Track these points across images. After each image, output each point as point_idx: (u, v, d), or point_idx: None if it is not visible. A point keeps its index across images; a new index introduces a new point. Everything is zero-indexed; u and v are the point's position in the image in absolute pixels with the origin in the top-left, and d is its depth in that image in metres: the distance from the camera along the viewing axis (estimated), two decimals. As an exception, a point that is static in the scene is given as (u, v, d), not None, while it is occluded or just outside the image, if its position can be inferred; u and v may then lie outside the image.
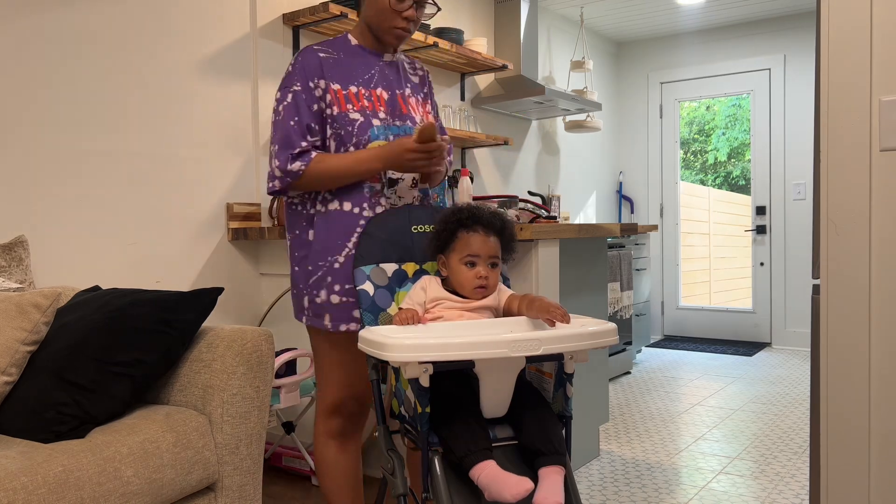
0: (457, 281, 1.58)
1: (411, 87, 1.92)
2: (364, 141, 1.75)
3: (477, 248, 1.57)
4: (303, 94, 1.75)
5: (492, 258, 1.58)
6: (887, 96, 1.46)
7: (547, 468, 1.38)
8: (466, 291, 1.57)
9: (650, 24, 5.70)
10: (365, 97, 1.79)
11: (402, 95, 1.86)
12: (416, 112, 1.88)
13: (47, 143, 2.39)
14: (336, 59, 1.80)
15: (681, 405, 3.88)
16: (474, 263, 1.57)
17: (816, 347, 1.56)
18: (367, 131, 1.76)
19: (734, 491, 2.63)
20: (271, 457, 2.87)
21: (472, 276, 1.56)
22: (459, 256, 1.58)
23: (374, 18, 1.79)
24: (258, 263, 3.09)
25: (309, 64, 1.77)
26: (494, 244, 1.59)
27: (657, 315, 6.16)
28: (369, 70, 1.83)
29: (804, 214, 5.50)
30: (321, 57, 1.78)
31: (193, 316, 1.89)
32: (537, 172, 5.19)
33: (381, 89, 1.83)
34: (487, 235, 1.58)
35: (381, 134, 1.77)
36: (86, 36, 2.49)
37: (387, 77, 1.85)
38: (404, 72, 1.92)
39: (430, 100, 2.00)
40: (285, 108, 1.76)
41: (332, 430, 1.86)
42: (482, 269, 1.56)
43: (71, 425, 1.63)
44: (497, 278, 1.61)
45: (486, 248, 1.57)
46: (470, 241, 1.57)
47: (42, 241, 2.38)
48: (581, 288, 2.92)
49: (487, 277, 1.57)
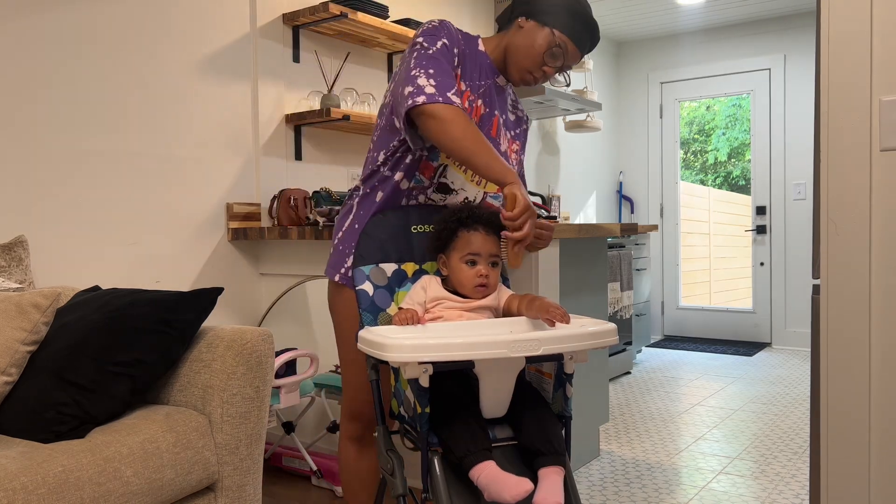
0: (457, 280, 1.58)
1: (505, 120, 1.84)
2: None
3: (478, 246, 1.57)
4: (449, 53, 1.65)
5: (492, 257, 1.58)
6: (887, 96, 1.46)
7: (546, 469, 1.38)
8: (467, 290, 1.57)
9: (650, 24, 5.70)
10: (468, 101, 1.72)
11: (498, 119, 1.80)
12: (502, 142, 1.81)
13: (47, 143, 2.39)
14: (464, 50, 1.73)
15: (681, 405, 3.88)
16: (475, 262, 1.57)
17: (816, 347, 1.56)
18: None
19: (734, 491, 2.63)
20: (271, 457, 2.87)
21: (473, 274, 1.56)
22: (460, 255, 1.57)
23: (518, 53, 1.71)
24: (258, 263, 3.09)
25: (453, 33, 1.69)
26: (495, 243, 1.59)
27: (657, 315, 6.16)
28: (483, 80, 1.76)
29: (804, 214, 5.50)
30: (459, 38, 1.72)
31: (193, 316, 1.89)
32: (537, 172, 5.19)
33: (482, 103, 1.76)
34: (488, 234, 1.58)
35: None
36: (86, 36, 2.49)
37: (492, 96, 1.78)
38: (506, 103, 1.86)
39: (519, 142, 1.90)
40: (439, 50, 1.62)
41: (351, 434, 1.84)
42: (483, 267, 1.56)
43: (71, 425, 1.63)
44: (497, 277, 1.61)
45: (487, 246, 1.57)
46: (471, 240, 1.57)
47: (42, 241, 2.38)
48: (581, 288, 2.92)
49: (488, 276, 1.57)
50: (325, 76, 3.31)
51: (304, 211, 2.88)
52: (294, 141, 3.20)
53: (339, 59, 3.42)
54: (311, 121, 3.10)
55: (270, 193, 3.08)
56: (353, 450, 1.84)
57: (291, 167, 3.19)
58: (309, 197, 2.90)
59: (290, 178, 3.18)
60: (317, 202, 2.81)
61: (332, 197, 2.83)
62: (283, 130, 3.16)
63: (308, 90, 3.26)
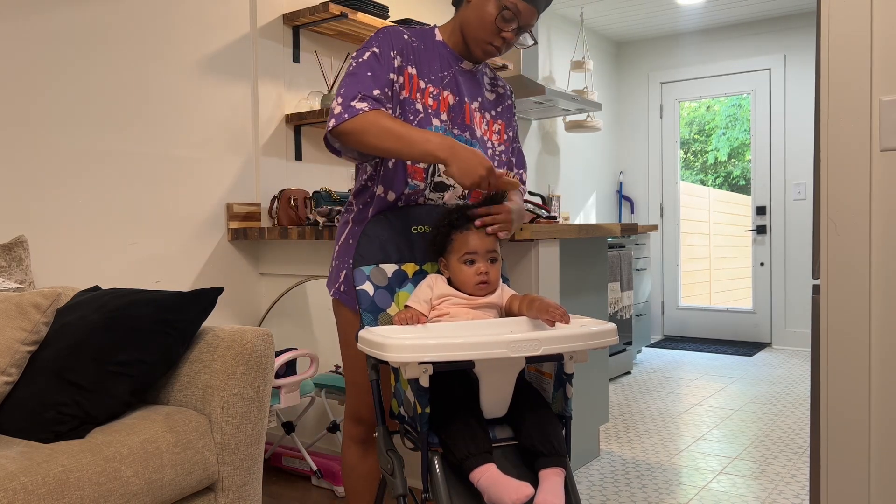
0: (459, 280, 1.58)
1: (482, 101, 1.82)
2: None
3: (474, 245, 1.57)
4: (381, 57, 1.66)
5: (490, 253, 1.58)
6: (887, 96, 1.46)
7: (547, 470, 1.38)
8: (469, 289, 1.58)
9: (650, 24, 5.70)
10: (432, 95, 1.71)
11: (469, 106, 1.77)
12: (479, 126, 1.79)
13: (47, 143, 2.39)
14: (418, 47, 1.73)
15: (681, 405, 3.88)
16: (473, 261, 1.57)
17: (816, 347, 1.56)
18: (426, 127, 1.68)
19: (734, 491, 2.63)
20: (271, 457, 2.87)
21: (473, 273, 1.56)
22: (458, 256, 1.58)
23: (472, 27, 1.70)
24: (258, 263, 3.09)
25: (392, 38, 1.69)
26: (491, 240, 1.59)
27: (657, 315, 6.16)
28: (445, 70, 1.75)
29: (804, 214, 5.50)
30: (404, 38, 1.71)
31: (193, 316, 1.89)
32: (537, 172, 5.19)
33: (450, 93, 1.74)
34: (483, 232, 1.59)
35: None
36: (86, 36, 2.49)
37: (459, 83, 1.76)
38: (479, 85, 1.82)
39: (502, 120, 1.87)
40: (361, 63, 1.66)
41: (355, 436, 1.84)
42: (482, 265, 1.57)
43: (71, 425, 1.63)
44: (498, 273, 1.61)
45: (484, 244, 1.58)
46: (466, 240, 1.58)
47: (42, 241, 2.38)
48: (581, 288, 2.92)
49: (488, 273, 1.57)
50: (325, 76, 3.31)
51: (304, 211, 2.88)
52: (294, 141, 3.20)
53: (339, 59, 3.42)
54: (311, 121, 3.10)
55: (270, 193, 3.08)
56: (357, 452, 1.83)
57: (291, 167, 3.19)
58: (309, 197, 2.90)
59: (290, 178, 3.18)
60: (317, 202, 2.81)
61: (332, 197, 2.83)
62: (283, 130, 3.16)
63: (308, 90, 3.26)
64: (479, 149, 1.76)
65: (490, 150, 1.82)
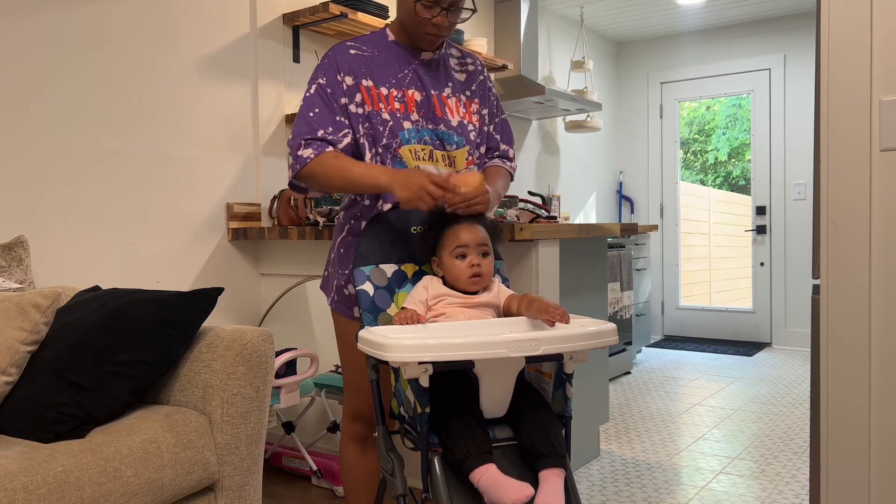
0: (452, 276, 1.59)
1: (453, 85, 1.80)
2: (396, 143, 1.69)
3: (465, 238, 1.57)
4: (328, 87, 1.68)
5: (481, 246, 1.58)
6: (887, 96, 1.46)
7: (547, 471, 1.38)
8: (463, 284, 1.58)
9: (650, 24, 5.70)
10: (396, 99, 1.71)
11: (438, 96, 1.76)
12: (455, 114, 1.77)
13: (47, 143, 2.39)
14: (370, 56, 1.73)
15: (681, 405, 3.88)
16: (465, 255, 1.57)
17: (816, 347, 1.56)
18: (398, 133, 1.69)
19: (734, 491, 2.63)
20: (271, 457, 2.87)
21: (465, 266, 1.57)
22: (449, 251, 1.58)
23: (405, 22, 1.72)
24: (258, 263, 3.09)
25: (338, 59, 1.70)
26: (481, 233, 1.60)
27: (657, 315, 6.16)
28: (403, 69, 1.74)
29: (804, 214, 5.50)
30: (352, 54, 1.72)
31: (193, 316, 1.89)
32: (537, 172, 5.19)
33: (415, 90, 1.73)
34: (473, 225, 1.59)
35: (412, 137, 1.70)
36: (86, 37, 2.49)
37: (422, 77, 1.75)
38: (446, 70, 1.80)
39: (477, 98, 1.84)
40: (306, 99, 1.69)
41: (353, 434, 1.85)
42: (474, 257, 1.57)
43: (71, 425, 1.63)
44: (490, 267, 1.61)
45: (475, 237, 1.58)
46: (457, 234, 1.58)
47: (42, 241, 2.38)
48: (581, 288, 2.92)
49: (480, 265, 1.57)
50: (325, 76, 3.31)
51: (304, 211, 2.88)
52: (294, 141, 3.20)
53: (339, 59, 3.42)
54: (311, 121, 3.09)
55: (270, 193, 3.08)
56: (356, 450, 1.84)
57: (291, 167, 3.19)
58: (309, 197, 2.90)
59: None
60: (317, 202, 2.81)
61: (332, 197, 2.83)
62: (283, 130, 3.16)
63: (308, 90, 3.26)
64: (457, 137, 1.75)
65: (472, 131, 1.80)
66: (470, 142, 1.79)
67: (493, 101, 1.90)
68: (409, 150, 1.70)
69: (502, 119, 1.92)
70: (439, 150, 1.74)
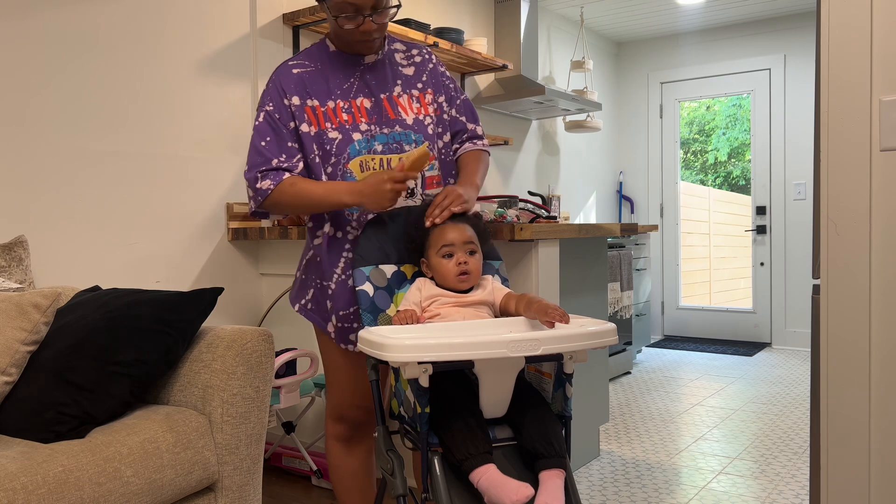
0: (440, 275, 1.59)
1: (403, 82, 1.78)
2: (344, 159, 1.69)
3: (451, 237, 1.58)
4: (275, 113, 1.70)
5: (467, 244, 1.59)
6: (887, 96, 1.46)
7: (547, 471, 1.38)
8: (451, 283, 1.58)
9: (650, 24, 5.70)
10: (344, 110, 1.71)
11: (389, 98, 1.74)
12: (409, 111, 1.75)
13: (47, 143, 2.39)
14: (313, 71, 1.73)
15: (681, 405, 3.88)
16: (452, 253, 1.58)
17: (816, 347, 1.56)
18: (345, 149, 1.69)
19: (734, 491, 2.63)
20: (271, 457, 2.87)
21: (453, 265, 1.57)
22: (436, 250, 1.59)
23: (335, 34, 1.72)
24: (258, 263, 3.09)
25: (282, 82, 1.71)
26: (467, 231, 1.60)
27: (657, 315, 6.16)
28: (349, 79, 1.73)
29: (804, 214, 5.50)
30: (295, 73, 1.72)
31: (193, 316, 1.89)
32: (537, 172, 5.19)
33: (363, 97, 1.73)
34: (456, 223, 1.60)
35: (363, 148, 1.69)
36: (86, 36, 2.49)
37: (368, 83, 1.74)
38: (393, 68, 1.78)
39: (430, 88, 1.82)
40: (256, 128, 1.71)
41: (337, 434, 1.87)
42: (460, 255, 1.57)
43: (71, 425, 1.63)
44: (478, 265, 1.61)
45: (460, 235, 1.58)
46: (442, 233, 1.59)
47: (42, 241, 2.38)
48: (581, 288, 2.92)
49: (467, 263, 1.57)
50: (325, 76, 3.31)
51: (304, 211, 2.88)
52: (294, 141, 3.20)
53: (339, 59, 3.42)
54: (311, 121, 3.10)
55: (270, 193, 3.08)
56: (341, 450, 1.87)
57: (291, 167, 3.19)
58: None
59: (290, 178, 3.18)
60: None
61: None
62: (283, 130, 3.16)
63: (308, 90, 3.26)
64: (415, 135, 1.74)
65: (430, 124, 1.79)
66: (428, 136, 1.77)
67: (449, 84, 1.86)
68: (359, 163, 1.70)
69: (463, 100, 1.89)
70: (397, 152, 1.72)
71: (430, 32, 3.71)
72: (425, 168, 1.66)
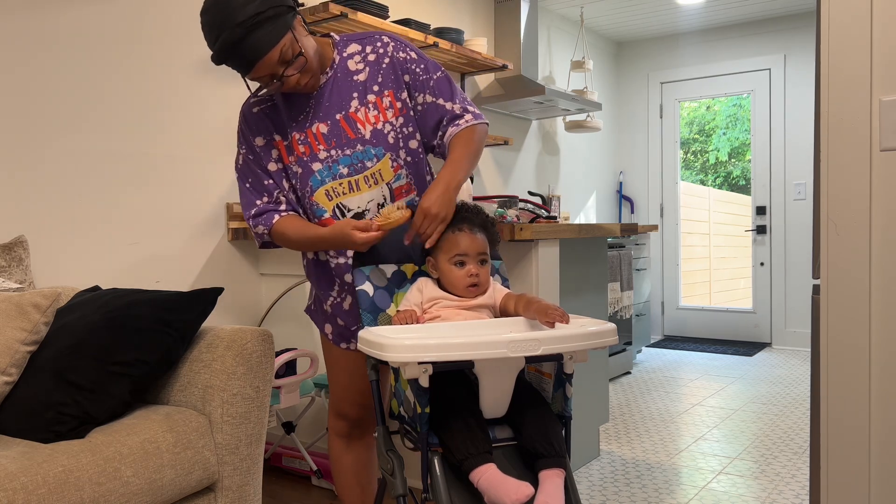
0: (448, 281, 1.58)
1: (359, 92, 1.69)
2: (308, 192, 1.69)
3: (465, 246, 1.56)
4: (249, 154, 1.72)
5: (480, 255, 1.58)
6: (887, 96, 1.46)
7: (547, 471, 1.38)
8: (459, 291, 1.57)
9: (650, 24, 5.70)
10: (300, 142, 1.68)
11: (346, 116, 1.67)
12: (366, 125, 1.68)
13: (47, 144, 2.39)
14: (271, 107, 1.71)
15: (681, 405, 3.88)
16: (464, 262, 1.56)
17: (816, 347, 1.56)
18: (307, 182, 1.68)
19: (734, 491, 2.63)
20: (271, 457, 2.87)
21: (464, 275, 1.56)
22: (448, 257, 1.57)
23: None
24: (258, 263, 3.09)
25: (247, 123, 1.71)
26: (482, 241, 1.59)
27: (657, 315, 6.16)
28: (304, 108, 1.69)
29: (804, 214, 5.50)
30: (255, 112, 1.71)
31: (193, 316, 1.89)
32: (537, 172, 5.19)
33: (318, 122, 1.68)
34: (473, 233, 1.58)
35: (325, 177, 1.67)
36: (85, 36, 2.49)
37: (322, 106, 1.68)
38: (347, 80, 1.70)
39: (388, 88, 1.70)
40: (239, 171, 1.75)
41: (338, 430, 1.90)
42: (472, 266, 1.56)
43: (71, 425, 1.63)
44: (487, 275, 1.61)
45: (474, 245, 1.57)
46: (457, 241, 1.57)
47: (42, 241, 2.38)
48: (581, 288, 2.92)
49: (478, 275, 1.56)
50: (325, 76, 3.31)
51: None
52: (294, 141, 3.20)
53: (339, 59, 3.41)
54: (311, 121, 3.09)
55: (270, 193, 3.08)
56: (341, 445, 1.90)
57: (291, 167, 3.19)
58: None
59: (290, 178, 3.18)
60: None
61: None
62: (283, 130, 3.16)
63: (308, 90, 3.26)
64: (374, 149, 1.68)
65: (391, 132, 1.69)
66: (389, 146, 1.69)
67: (416, 69, 1.71)
68: (324, 192, 1.69)
69: (437, 79, 1.72)
70: (360, 172, 1.68)
71: (430, 32, 3.71)
72: (393, 220, 1.58)
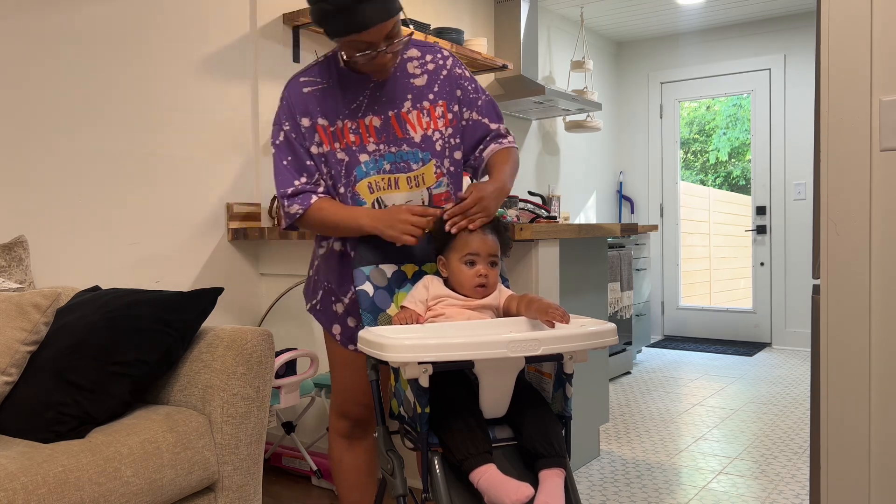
0: (457, 280, 1.58)
1: (413, 96, 1.71)
2: (352, 182, 1.68)
3: (476, 246, 1.57)
4: (291, 132, 1.69)
5: (491, 256, 1.58)
6: (887, 96, 1.46)
7: (547, 471, 1.38)
8: (467, 290, 1.57)
9: (650, 24, 5.70)
10: (351, 131, 1.68)
11: (398, 115, 1.69)
12: (417, 128, 1.70)
13: (47, 143, 2.39)
14: (322, 89, 1.70)
15: (681, 405, 3.88)
16: (474, 262, 1.56)
17: (816, 347, 1.56)
18: (353, 171, 1.68)
19: (734, 491, 2.63)
20: (271, 457, 2.87)
21: (473, 274, 1.56)
22: (459, 256, 1.57)
23: (352, 61, 1.64)
24: (258, 263, 3.09)
25: (293, 101, 1.69)
26: (493, 243, 1.59)
27: (657, 315, 6.16)
28: (357, 97, 1.69)
29: (804, 214, 5.50)
30: (305, 92, 1.69)
31: (193, 316, 1.89)
32: (537, 172, 5.19)
33: (372, 115, 1.69)
34: (486, 234, 1.58)
35: (370, 170, 1.68)
36: (86, 36, 2.49)
37: (378, 100, 1.69)
38: (405, 80, 1.72)
39: (443, 99, 1.73)
40: (276, 147, 1.70)
41: (339, 430, 1.89)
42: (482, 267, 1.56)
43: (71, 425, 1.63)
44: (497, 277, 1.61)
45: (486, 246, 1.57)
46: (469, 240, 1.57)
47: (42, 241, 2.38)
48: (581, 288, 2.92)
49: (487, 276, 1.57)
50: (325, 76, 3.31)
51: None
52: (294, 141, 3.20)
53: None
54: (311, 121, 3.09)
55: (270, 193, 3.08)
56: (343, 445, 1.89)
57: (291, 167, 3.18)
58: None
59: (290, 178, 3.18)
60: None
61: (332, 197, 2.82)
62: (283, 130, 3.16)
63: (308, 90, 3.26)
64: (421, 153, 1.70)
65: (439, 140, 1.72)
66: (436, 153, 1.72)
67: (468, 86, 1.77)
68: (367, 184, 1.69)
69: (485, 100, 1.79)
70: (404, 172, 1.70)
71: (430, 32, 3.71)
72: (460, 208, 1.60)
